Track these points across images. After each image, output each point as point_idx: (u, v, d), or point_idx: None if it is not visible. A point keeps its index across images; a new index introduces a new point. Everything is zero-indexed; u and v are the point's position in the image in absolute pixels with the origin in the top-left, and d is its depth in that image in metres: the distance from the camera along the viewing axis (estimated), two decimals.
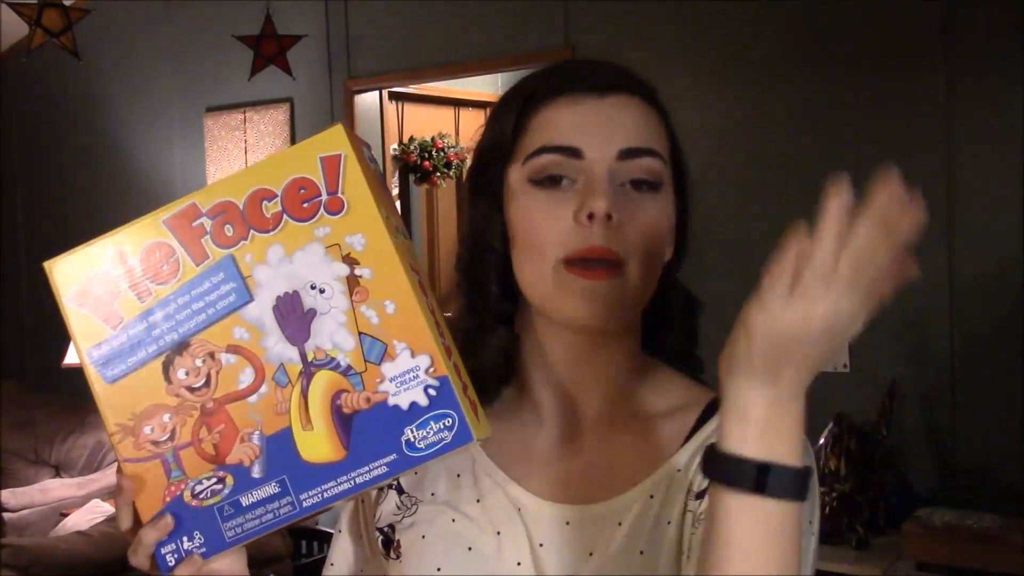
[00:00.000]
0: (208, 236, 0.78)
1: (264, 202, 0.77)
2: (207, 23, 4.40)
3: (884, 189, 0.61)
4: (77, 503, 3.93)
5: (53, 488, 4.06)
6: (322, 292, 0.76)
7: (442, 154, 4.75)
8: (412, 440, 0.75)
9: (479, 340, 0.89)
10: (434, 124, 4.79)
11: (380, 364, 0.75)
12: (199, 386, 0.78)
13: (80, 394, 0.82)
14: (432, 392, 0.74)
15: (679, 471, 0.84)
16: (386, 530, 0.92)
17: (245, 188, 0.78)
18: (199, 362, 0.78)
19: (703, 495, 0.80)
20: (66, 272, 0.80)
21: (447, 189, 4.93)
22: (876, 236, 0.61)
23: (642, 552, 0.82)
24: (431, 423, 0.75)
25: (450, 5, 3.82)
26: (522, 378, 0.91)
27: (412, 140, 4.70)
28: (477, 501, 0.88)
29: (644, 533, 0.83)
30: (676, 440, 0.87)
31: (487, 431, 0.79)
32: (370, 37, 4.08)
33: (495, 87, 4.90)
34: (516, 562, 0.85)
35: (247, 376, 0.77)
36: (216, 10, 4.35)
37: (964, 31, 2.86)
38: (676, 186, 0.89)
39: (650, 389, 0.90)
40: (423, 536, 0.89)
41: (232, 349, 0.78)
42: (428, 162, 4.72)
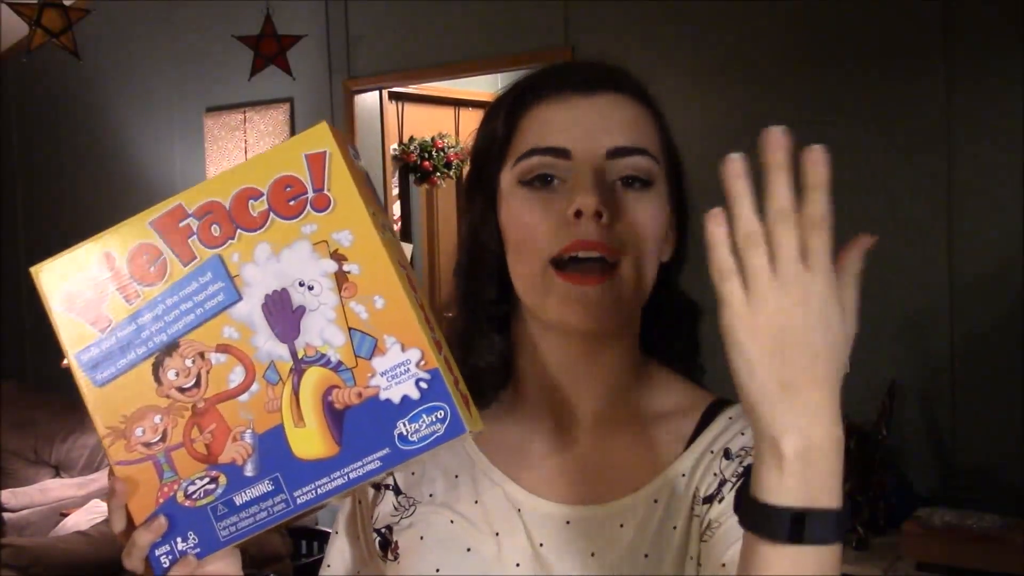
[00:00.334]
0: (195, 236, 0.78)
1: (250, 201, 0.77)
2: (207, 23, 4.40)
3: (771, 149, 0.60)
4: (77, 503, 3.93)
5: (53, 488, 4.06)
6: (311, 289, 0.76)
7: (442, 154, 4.75)
8: (405, 433, 0.75)
9: (476, 342, 0.89)
10: (434, 124, 4.79)
11: (371, 359, 0.75)
12: (189, 386, 0.78)
13: (80, 394, 0.83)
14: (423, 385, 0.74)
15: (683, 476, 0.84)
16: (384, 531, 0.92)
17: (231, 188, 0.78)
18: (189, 362, 0.78)
19: (710, 500, 0.81)
20: (53, 277, 0.80)
21: (447, 189, 4.93)
22: (786, 195, 0.59)
23: (647, 555, 0.82)
24: (423, 416, 0.74)
25: (450, 5, 3.82)
26: (519, 379, 0.91)
27: (412, 140, 4.70)
28: (475, 502, 0.88)
29: (648, 537, 0.83)
30: (677, 443, 0.86)
31: (479, 425, 0.78)
32: (370, 37, 4.08)
33: (495, 87, 4.89)
34: (515, 563, 0.85)
35: (237, 375, 0.77)
36: (216, 10, 4.36)
37: (964, 31, 2.85)
38: (674, 187, 0.88)
39: (648, 390, 0.90)
40: (421, 537, 0.88)
41: (222, 348, 0.77)
42: (428, 162, 4.71)
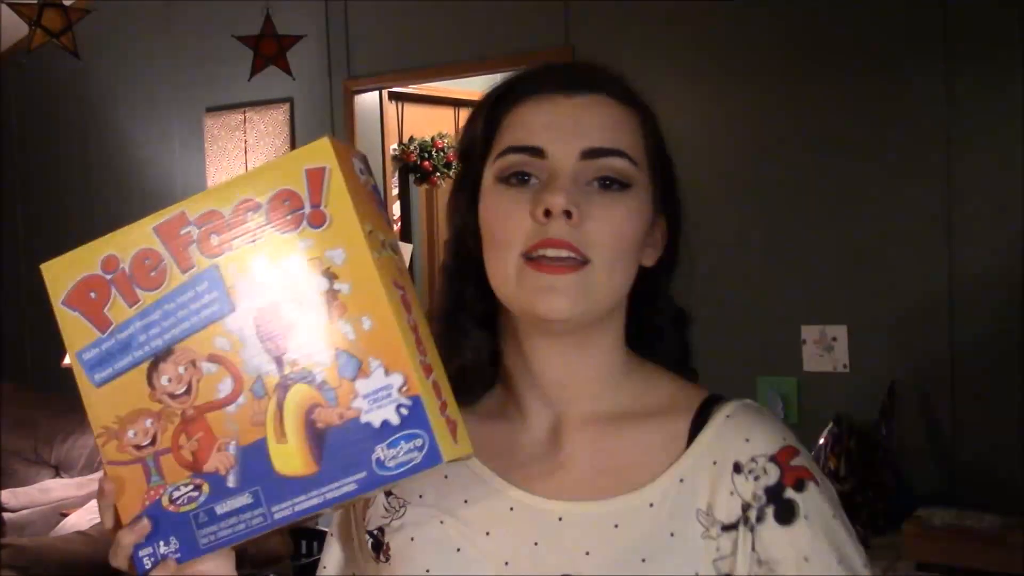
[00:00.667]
0: (195, 245, 0.78)
1: (249, 213, 0.77)
2: (207, 23, 4.40)
3: None
4: (77, 503, 3.93)
5: (53, 488, 4.06)
6: (302, 305, 0.76)
7: (442, 154, 4.75)
8: (382, 459, 0.75)
9: (458, 342, 0.89)
10: (434, 124, 4.79)
11: (354, 380, 0.75)
12: (180, 393, 0.79)
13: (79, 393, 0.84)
14: (404, 411, 0.74)
15: (682, 481, 0.84)
16: (376, 533, 0.92)
17: (232, 198, 0.78)
18: (182, 370, 0.79)
19: (734, 528, 0.81)
20: (59, 275, 0.81)
21: (447, 189, 4.91)
22: None
23: (644, 560, 0.81)
24: (402, 442, 0.74)
25: (450, 5, 3.82)
26: (507, 377, 0.91)
27: (412, 140, 4.70)
28: (465, 502, 0.88)
29: (646, 541, 0.82)
30: (672, 443, 0.86)
31: (468, 449, 0.78)
32: (370, 37, 4.08)
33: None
34: (504, 562, 0.84)
35: (226, 386, 0.78)
36: (216, 10, 4.35)
37: (964, 31, 2.85)
38: (663, 192, 0.88)
39: (638, 388, 0.90)
40: (412, 538, 0.88)
41: (213, 358, 0.78)
42: (428, 162, 4.72)
